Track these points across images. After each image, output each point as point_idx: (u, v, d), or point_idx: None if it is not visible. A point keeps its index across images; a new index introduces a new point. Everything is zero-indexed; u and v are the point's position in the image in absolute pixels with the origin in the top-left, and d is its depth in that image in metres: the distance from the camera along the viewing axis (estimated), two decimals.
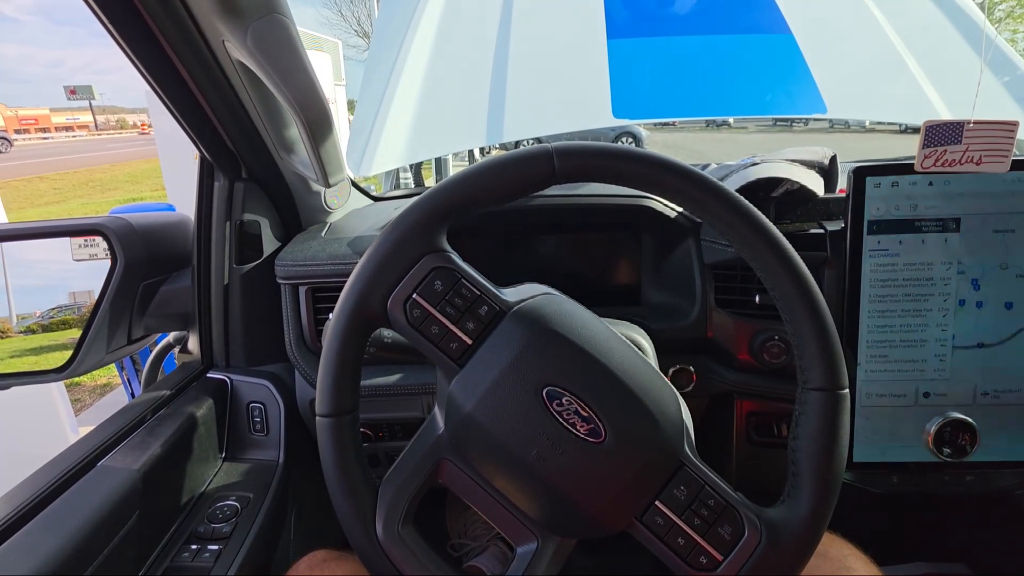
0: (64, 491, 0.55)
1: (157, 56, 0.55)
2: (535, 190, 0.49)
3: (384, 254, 0.47)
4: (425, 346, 0.47)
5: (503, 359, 0.45)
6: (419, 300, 0.46)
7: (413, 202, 0.47)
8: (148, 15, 0.51)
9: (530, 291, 0.51)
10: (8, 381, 0.78)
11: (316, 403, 0.46)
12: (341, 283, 0.77)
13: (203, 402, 0.73)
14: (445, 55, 1.50)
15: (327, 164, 0.58)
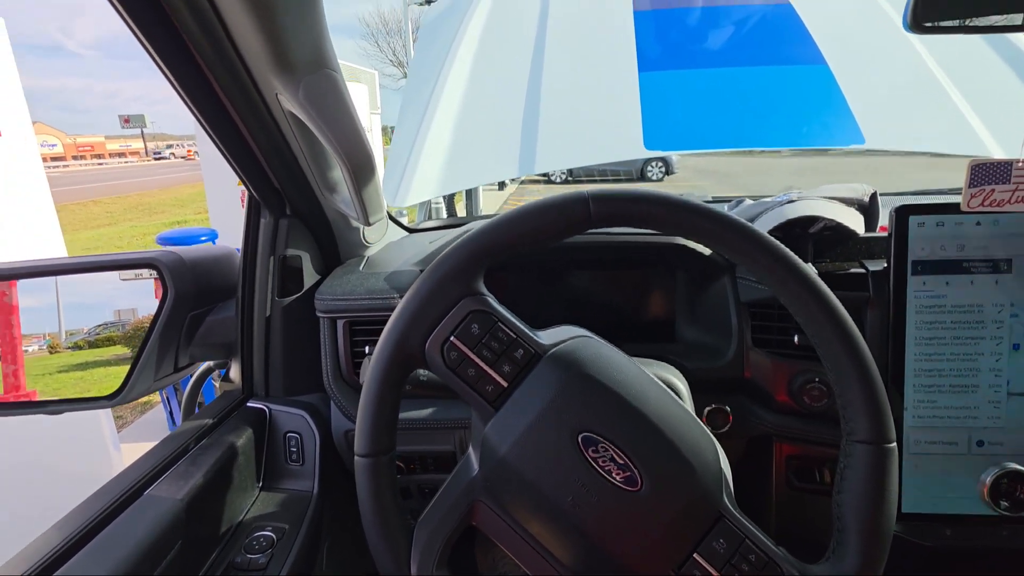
0: (113, 519, 0.57)
1: (213, 104, 0.59)
2: (571, 235, 0.49)
3: (423, 297, 0.48)
4: (461, 388, 0.48)
5: (538, 403, 0.46)
6: (456, 343, 0.47)
7: (451, 247, 0.48)
8: (206, 67, 0.55)
9: (565, 334, 0.51)
10: (61, 407, 0.82)
11: (355, 442, 0.47)
12: (378, 317, 0.79)
13: (243, 431, 0.75)
14: (479, 87, 1.54)
15: (368, 205, 0.60)
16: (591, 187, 0.49)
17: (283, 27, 0.45)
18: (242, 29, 0.47)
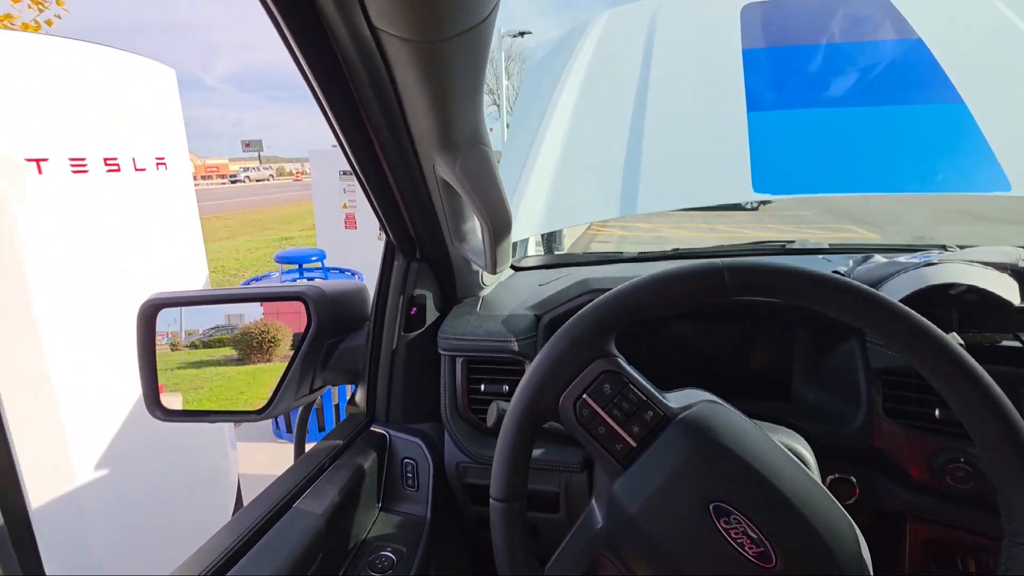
0: (269, 528, 0.64)
1: (374, 164, 0.67)
2: (703, 303, 0.51)
3: (558, 356, 0.51)
4: (591, 444, 0.50)
5: (668, 467, 0.47)
6: (588, 401, 0.50)
7: (585, 309, 0.51)
8: (375, 136, 0.62)
9: (693, 397, 0.52)
10: (215, 418, 0.93)
11: (492, 486, 0.50)
12: (494, 357, 0.83)
13: (369, 454, 0.82)
14: (583, 126, 1.58)
15: (499, 258, 0.65)
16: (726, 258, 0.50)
17: (453, 112, 0.52)
18: (416, 112, 0.54)
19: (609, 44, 1.82)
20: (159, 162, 1.89)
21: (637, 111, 1.54)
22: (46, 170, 1.53)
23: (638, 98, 1.57)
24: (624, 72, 1.65)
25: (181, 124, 2.08)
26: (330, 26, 0.47)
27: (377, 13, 0.41)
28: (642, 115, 1.53)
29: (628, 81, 1.61)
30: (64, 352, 1.60)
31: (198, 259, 2.12)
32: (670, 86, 1.55)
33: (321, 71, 0.51)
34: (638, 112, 1.54)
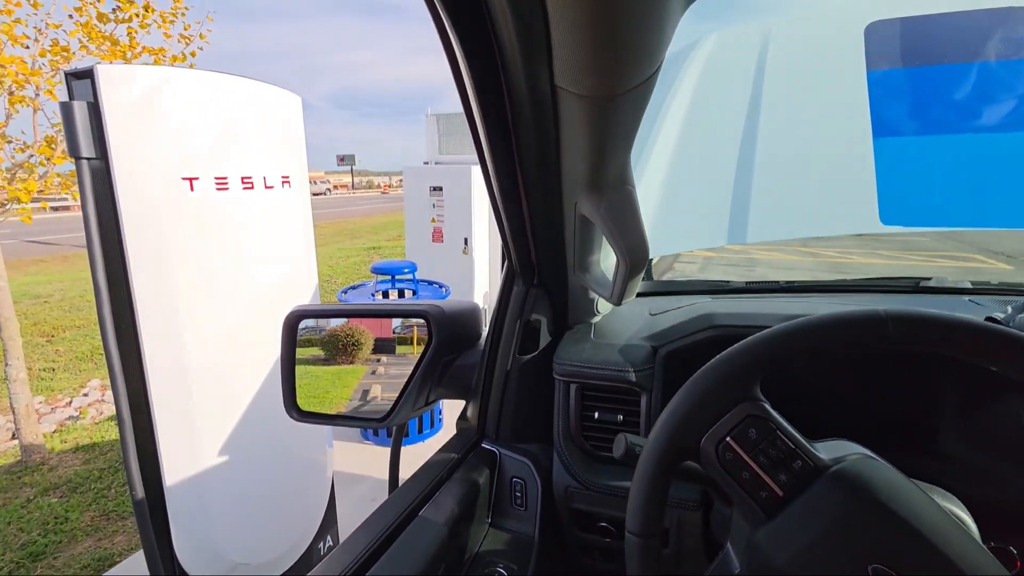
0: (399, 534, 0.69)
1: (513, 198, 0.71)
2: (859, 353, 0.49)
3: (701, 395, 0.51)
4: (733, 488, 0.50)
5: (821, 522, 0.45)
6: (732, 444, 0.49)
7: (732, 350, 0.51)
8: (522, 176, 0.66)
9: (845, 449, 0.50)
10: (342, 422, 1.01)
11: (628, 520, 0.51)
12: (609, 385, 0.84)
13: (482, 471, 0.85)
14: (688, 151, 1.55)
15: (627, 292, 0.66)
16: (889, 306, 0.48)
17: (607, 157, 0.54)
18: (572, 156, 0.57)
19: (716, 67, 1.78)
20: (284, 180, 2.09)
21: (747, 137, 1.49)
22: (196, 187, 1.74)
23: (748, 123, 1.52)
24: (732, 96, 1.61)
25: (303, 146, 2.28)
26: (510, 80, 0.51)
27: (561, 73, 0.44)
28: (752, 141, 1.48)
29: (737, 105, 1.56)
30: (200, 348, 1.79)
31: (311, 267, 2.31)
32: (784, 111, 1.49)
33: (492, 117, 0.55)
34: (748, 138, 1.49)
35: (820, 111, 1.49)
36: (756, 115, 1.52)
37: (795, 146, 1.43)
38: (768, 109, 1.52)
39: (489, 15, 0.46)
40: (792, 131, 1.46)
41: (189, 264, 1.74)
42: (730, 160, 1.48)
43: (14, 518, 2.95)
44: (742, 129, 1.51)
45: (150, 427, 1.72)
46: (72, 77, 1.55)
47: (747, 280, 1.31)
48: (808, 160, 1.39)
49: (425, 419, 3.60)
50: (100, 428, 4.08)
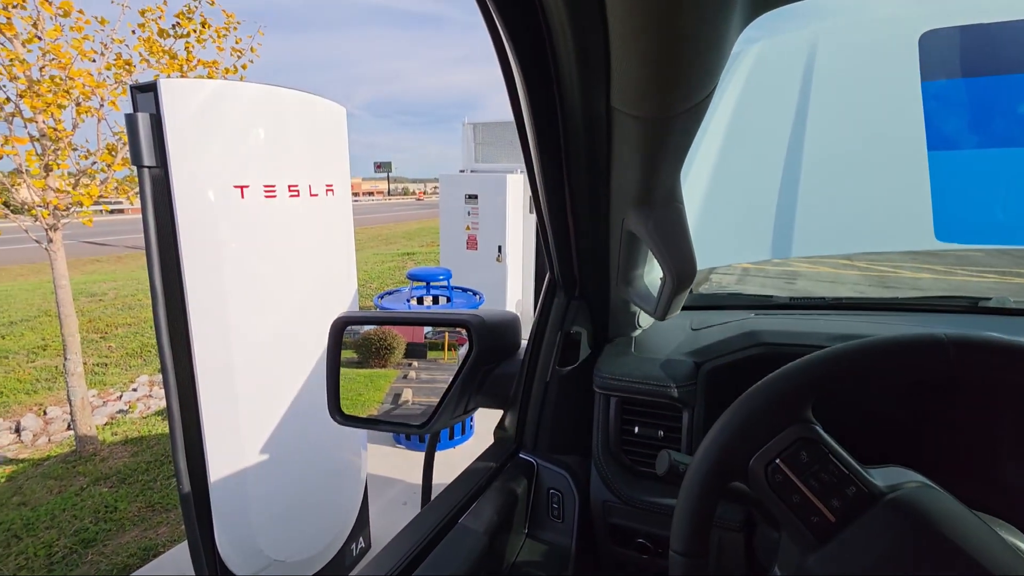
0: (440, 540, 0.70)
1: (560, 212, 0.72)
2: (918, 380, 0.47)
3: (752, 414, 0.50)
4: (782, 511, 0.49)
5: (878, 550, 0.44)
6: (782, 466, 0.48)
7: (785, 370, 0.50)
8: (570, 191, 0.67)
9: (902, 477, 0.49)
10: (383, 427, 1.02)
11: (672, 539, 0.51)
12: (651, 400, 0.83)
13: (520, 481, 0.86)
14: (730, 164, 1.53)
15: (672, 307, 0.66)
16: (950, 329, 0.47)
17: (659, 175, 0.54)
18: (623, 174, 0.58)
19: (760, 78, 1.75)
20: (328, 188, 2.16)
21: (792, 149, 1.46)
22: (247, 195, 1.81)
23: (793, 135, 1.49)
24: (777, 107, 1.58)
25: (346, 155, 2.35)
26: (565, 100, 0.52)
27: (618, 95, 0.45)
28: (798, 153, 1.45)
29: (782, 117, 1.53)
30: (245, 349, 1.86)
31: (351, 272, 2.37)
32: (832, 122, 1.46)
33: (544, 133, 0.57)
34: (793, 150, 1.46)
35: (871, 123, 1.45)
36: (802, 127, 1.48)
37: (843, 159, 1.39)
38: (815, 121, 1.48)
39: (549, 36, 0.47)
40: (840, 143, 1.42)
41: (238, 268, 1.81)
42: (774, 172, 1.45)
43: (68, 505, 3.11)
44: (787, 141, 1.48)
45: (198, 424, 1.79)
46: (137, 90, 1.65)
47: (789, 295, 1.27)
48: (858, 173, 1.35)
49: (456, 426, 3.63)
50: (147, 422, 4.27)
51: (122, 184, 3.75)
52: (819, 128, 1.46)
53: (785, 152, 1.49)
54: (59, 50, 3.17)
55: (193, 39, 3.83)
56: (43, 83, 3.11)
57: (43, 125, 3.22)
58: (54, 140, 3.26)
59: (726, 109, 1.68)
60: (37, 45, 3.16)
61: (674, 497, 0.82)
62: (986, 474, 0.72)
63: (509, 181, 5.18)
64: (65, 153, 3.33)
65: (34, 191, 3.26)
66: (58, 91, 3.14)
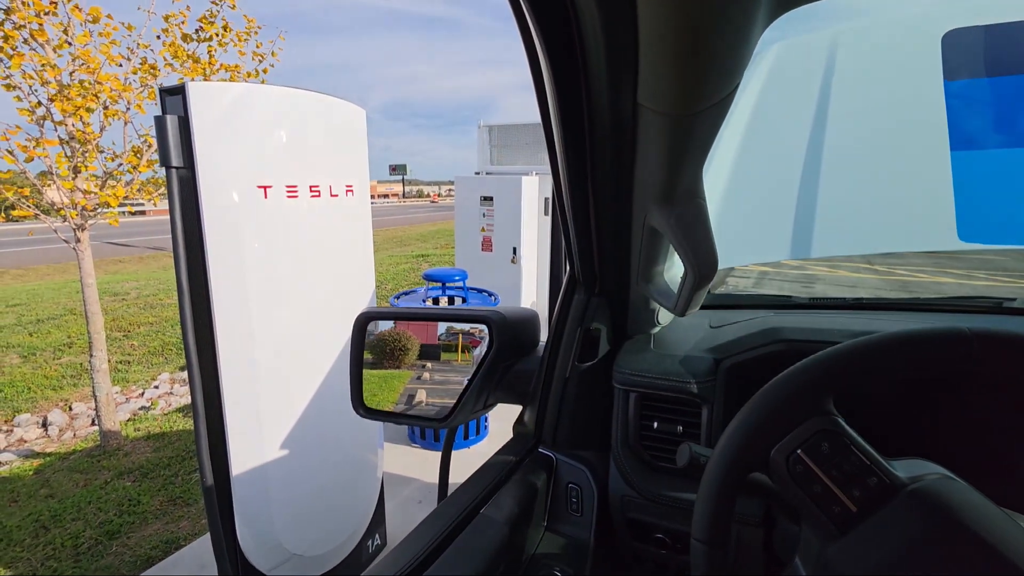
0: (460, 531, 0.72)
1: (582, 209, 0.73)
2: (941, 375, 0.48)
3: (773, 406, 0.51)
4: (802, 502, 0.50)
5: (899, 539, 0.45)
6: (803, 457, 0.49)
7: (807, 361, 0.51)
8: (593, 188, 0.68)
9: (924, 469, 0.49)
10: (404, 420, 1.05)
11: (694, 527, 0.52)
12: (670, 396, 0.84)
13: (539, 474, 0.87)
14: (749, 164, 1.53)
15: (692, 303, 0.67)
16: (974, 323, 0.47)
17: (682, 171, 0.56)
18: (646, 170, 0.59)
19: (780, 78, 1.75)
20: (348, 189, 2.19)
21: (812, 149, 1.46)
22: (270, 195, 1.85)
23: (813, 134, 1.48)
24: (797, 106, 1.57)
25: (366, 156, 2.38)
26: (592, 97, 0.53)
27: (645, 92, 0.46)
28: (818, 153, 1.45)
29: (801, 116, 1.53)
30: (267, 346, 1.90)
31: (369, 272, 2.40)
32: (852, 121, 1.45)
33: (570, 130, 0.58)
34: (813, 150, 1.46)
35: (892, 122, 1.44)
36: (822, 126, 1.48)
37: (864, 158, 1.39)
38: (835, 120, 1.48)
39: (580, 35, 0.49)
40: (861, 143, 1.42)
41: (260, 266, 1.85)
42: (793, 172, 1.45)
43: (93, 498, 3.19)
44: (806, 141, 1.47)
45: (221, 419, 1.83)
46: (166, 93, 1.70)
47: (808, 296, 1.27)
48: (879, 172, 1.34)
49: (471, 426, 3.65)
50: (168, 419, 4.36)
51: (145, 186, 3.84)
52: (839, 128, 1.45)
53: (804, 152, 1.49)
54: (88, 55, 3.26)
55: (215, 43, 3.91)
56: (73, 87, 3.21)
57: (72, 128, 3.32)
58: (82, 143, 3.35)
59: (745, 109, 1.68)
60: (67, 51, 3.26)
61: (693, 492, 0.82)
62: (1007, 469, 0.71)
63: (524, 183, 5.20)
64: (93, 155, 3.42)
65: (63, 192, 3.36)
66: (87, 95, 3.23)
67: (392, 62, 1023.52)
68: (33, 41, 3.15)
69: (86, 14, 3.30)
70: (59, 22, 3.23)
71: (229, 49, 4.05)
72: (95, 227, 3.63)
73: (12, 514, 3.06)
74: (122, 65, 3.49)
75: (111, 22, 3.41)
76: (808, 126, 1.53)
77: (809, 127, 1.53)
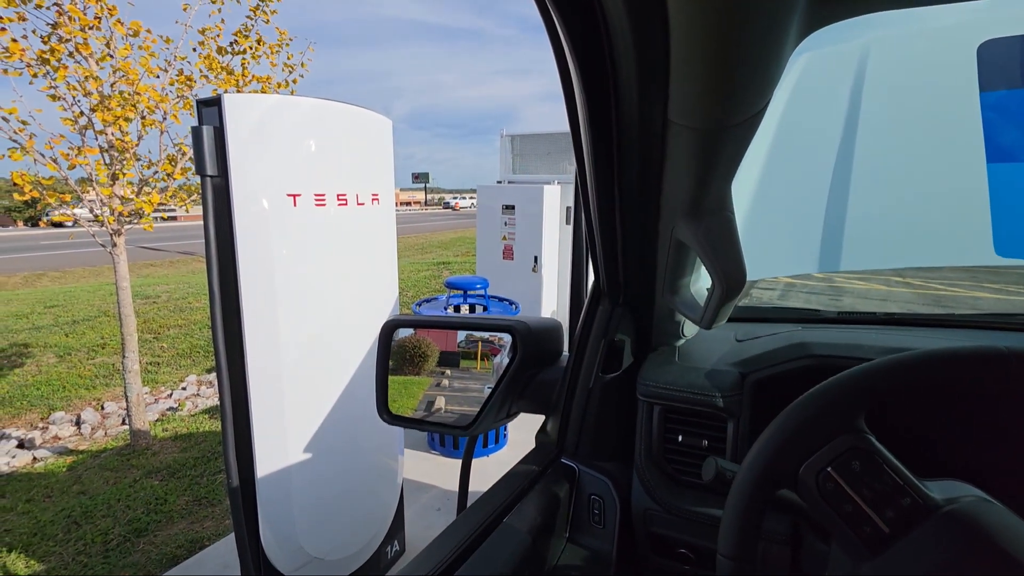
0: (485, 539, 0.72)
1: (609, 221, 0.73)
2: (976, 394, 0.47)
3: (802, 422, 0.50)
4: (832, 521, 0.49)
5: (934, 564, 0.44)
6: (833, 475, 0.49)
7: (839, 377, 0.50)
8: (620, 200, 0.69)
9: (959, 490, 0.48)
10: (428, 427, 1.05)
11: (720, 542, 0.51)
12: (695, 409, 0.84)
13: (562, 485, 0.87)
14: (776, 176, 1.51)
15: (719, 316, 0.67)
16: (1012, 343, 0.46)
17: (711, 185, 0.56)
18: (675, 184, 0.59)
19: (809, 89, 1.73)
20: (374, 198, 2.23)
21: (841, 160, 1.44)
22: (299, 203, 1.90)
23: (843, 146, 1.46)
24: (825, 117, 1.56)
25: (391, 165, 2.43)
26: (622, 111, 0.54)
27: (676, 108, 0.47)
28: (847, 164, 1.43)
29: (830, 127, 1.51)
30: (293, 350, 1.94)
31: (393, 279, 2.43)
32: (883, 133, 1.43)
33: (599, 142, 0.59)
34: (842, 161, 1.44)
35: (925, 134, 1.41)
36: (852, 137, 1.46)
37: (896, 170, 1.36)
38: (865, 131, 1.45)
39: (611, 50, 0.50)
40: (892, 154, 1.39)
41: (288, 272, 1.90)
42: (822, 183, 1.43)
43: (123, 496, 3.28)
44: (836, 152, 1.46)
45: (247, 421, 1.87)
46: (203, 104, 1.76)
47: (837, 310, 1.25)
48: (912, 184, 1.32)
49: (490, 434, 3.65)
50: (195, 420, 4.46)
51: (178, 192, 3.97)
52: (870, 139, 1.43)
53: (834, 163, 1.47)
54: (128, 67, 3.40)
55: (248, 55, 4.04)
56: (113, 98, 3.34)
57: (111, 137, 3.45)
58: (121, 151, 3.48)
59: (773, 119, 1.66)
60: (109, 63, 3.40)
61: (718, 507, 0.81)
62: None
63: (546, 192, 5.22)
64: (130, 163, 3.55)
65: (102, 198, 3.49)
66: (126, 105, 3.36)
67: (416, 72, 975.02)
68: (77, 54, 3.29)
69: (127, 28, 3.45)
70: (102, 36, 3.37)
71: (261, 61, 4.18)
72: (129, 232, 3.75)
73: (46, 509, 3.16)
74: (160, 77, 3.62)
75: (150, 35, 3.55)
76: (838, 137, 1.51)
77: (839, 138, 1.51)
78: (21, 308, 8.11)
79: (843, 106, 1.54)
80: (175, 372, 5.67)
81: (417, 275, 12.13)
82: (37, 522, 3.02)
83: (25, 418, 4.48)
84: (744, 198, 1.47)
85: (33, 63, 3.18)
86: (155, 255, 14.95)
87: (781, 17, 0.38)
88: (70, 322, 7.41)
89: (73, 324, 7.31)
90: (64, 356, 6.00)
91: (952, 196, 1.23)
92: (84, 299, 8.88)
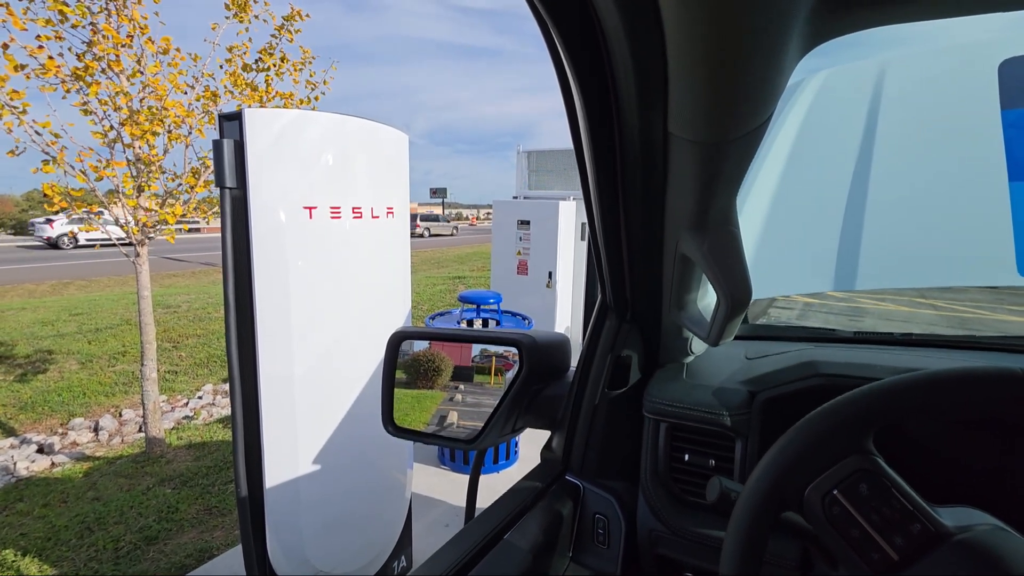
0: (484, 555, 0.71)
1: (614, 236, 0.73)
2: (989, 417, 0.45)
3: (810, 441, 0.49)
4: (839, 546, 0.47)
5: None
6: (840, 498, 0.47)
7: (847, 396, 0.49)
8: (624, 214, 0.69)
9: (973, 518, 0.46)
10: (433, 440, 1.05)
11: (722, 564, 0.50)
12: (702, 428, 0.82)
13: (566, 502, 0.86)
14: (791, 193, 1.49)
15: (726, 333, 0.65)
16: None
17: (714, 198, 0.55)
18: (678, 198, 0.59)
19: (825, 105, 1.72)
20: (389, 211, 2.26)
21: (858, 177, 1.42)
22: (315, 216, 1.93)
23: (859, 163, 1.45)
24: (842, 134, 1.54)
25: (407, 180, 2.46)
26: (623, 125, 0.54)
27: (675, 121, 0.47)
28: (864, 181, 1.41)
29: (847, 145, 1.49)
30: (304, 361, 1.95)
31: (406, 292, 2.45)
32: (901, 151, 1.41)
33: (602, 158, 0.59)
34: (859, 178, 1.42)
35: (945, 151, 1.39)
36: (868, 155, 1.44)
37: (915, 187, 1.34)
38: (883, 149, 1.44)
39: (610, 65, 0.50)
40: (911, 172, 1.37)
41: (303, 284, 1.92)
42: (838, 201, 1.41)
43: (135, 503, 3.31)
44: (852, 169, 1.44)
45: (258, 432, 1.88)
46: (224, 118, 1.81)
47: (854, 330, 1.22)
48: (930, 203, 1.29)
49: (501, 451, 3.62)
50: (209, 429, 4.50)
51: (200, 204, 4.06)
52: (888, 156, 1.41)
53: (850, 180, 1.45)
54: (157, 83, 3.51)
55: (273, 72, 4.15)
56: (142, 113, 3.45)
57: (139, 150, 3.56)
58: (147, 164, 3.59)
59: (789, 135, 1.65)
60: (139, 79, 3.52)
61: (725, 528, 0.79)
62: None
63: (561, 208, 5.23)
64: (156, 175, 3.65)
65: (127, 209, 3.59)
66: (154, 120, 3.47)
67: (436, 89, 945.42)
68: (110, 71, 3.42)
69: (158, 45, 3.57)
70: (133, 53, 3.50)
71: (285, 78, 4.29)
72: (152, 242, 3.85)
73: (61, 514, 3.20)
74: (187, 92, 3.74)
75: (179, 53, 3.68)
76: (854, 154, 1.49)
77: (855, 155, 1.49)
78: (47, 315, 8.33)
79: (860, 123, 1.53)
80: (192, 381, 5.75)
81: (433, 288, 12.20)
82: (52, 527, 3.06)
83: (46, 423, 4.57)
84: (759, 214, 1.45)
85: (67, 79, 3.31)
86: (178, 266, 15.28)
87: (780, 33, 0.38)
88: (93, 330, 7.58)
89: (96, 332, 7.48)
90: (86, 363, 6.13)
91: (973, 215, 1.21)
92: (108, 307, 9.09)
